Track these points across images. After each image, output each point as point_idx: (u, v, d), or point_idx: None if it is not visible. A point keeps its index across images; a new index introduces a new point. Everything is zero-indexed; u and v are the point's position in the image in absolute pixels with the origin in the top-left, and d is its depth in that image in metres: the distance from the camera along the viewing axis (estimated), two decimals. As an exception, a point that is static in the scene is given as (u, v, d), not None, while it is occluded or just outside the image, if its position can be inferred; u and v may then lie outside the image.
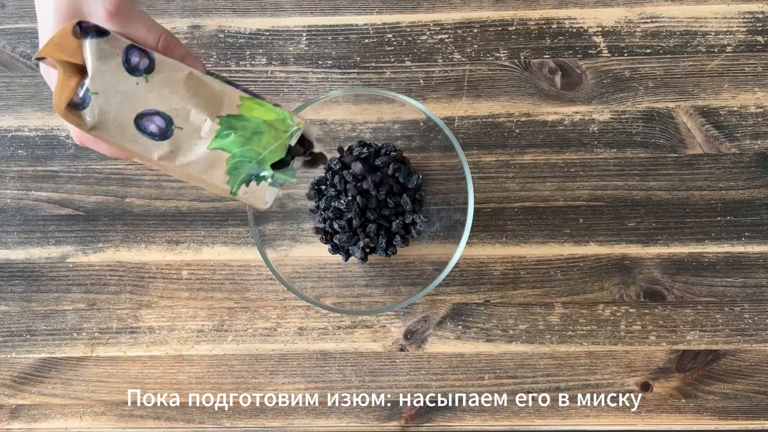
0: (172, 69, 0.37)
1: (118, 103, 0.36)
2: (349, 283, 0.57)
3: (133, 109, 0.37)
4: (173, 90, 0.37)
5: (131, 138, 0.37)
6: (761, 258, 0.56)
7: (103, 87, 0.36)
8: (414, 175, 0.55)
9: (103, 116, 0.36)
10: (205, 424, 0.57)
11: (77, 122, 0.36)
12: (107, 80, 0.36)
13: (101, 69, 0.36)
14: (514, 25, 0.58)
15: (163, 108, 0.37)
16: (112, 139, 0.37)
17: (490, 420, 0.57)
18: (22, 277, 0.58)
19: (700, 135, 0.57)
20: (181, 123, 0.37)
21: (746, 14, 0.58)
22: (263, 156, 0.38)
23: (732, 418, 0.56)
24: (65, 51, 0.35)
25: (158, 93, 0.37)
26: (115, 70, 0.36)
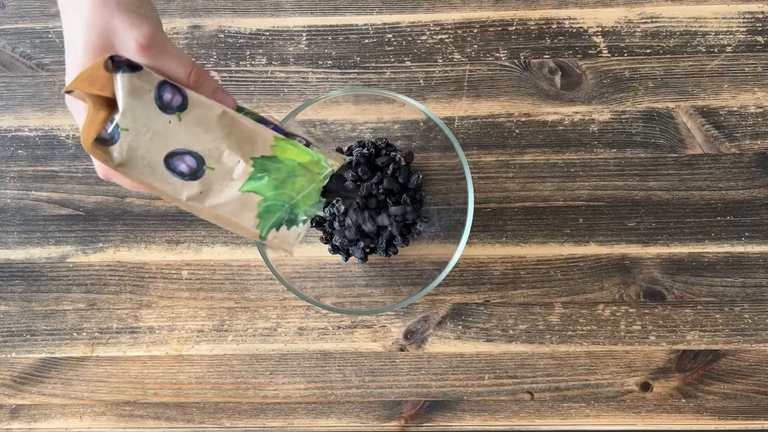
0: (206, 107, 0.36)
1: (148, 140, 0.35)
2: (349, 283, 0.57)
3: (164, 148, 0.36)
4: (207, 129, 0.36)
5: (160, 177, 0.36)
6: (761, 258, 0.56)
7: (133, 123, 0.35)
8: (414, 175, 0.55)
9: (132, 153, 0.35)
10: (205, 424, 0.57)
11: (104, 158, 0.35)
12: (138, 117, 0.35)
13: (132, 105, 0.35)
14: (514, 25, 0.58)
15: (195, 147, 0.36)
16: (140, 177, 0.36)
17: (490, 420, 0.57)
18: (22, 277, 0.59)
19: (700, 135, 0.57)
20: (213, 164, 0.36)
21: (746, 14, 0.58)
22: (296, 200, 0.38)
23: (732, 418, 0.56)
24: (95, 84, 0.34)
25: (191, 132, 0.36)
26: (146, 106, 0.35)
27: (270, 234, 0.38)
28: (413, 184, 0.55)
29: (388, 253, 0.56)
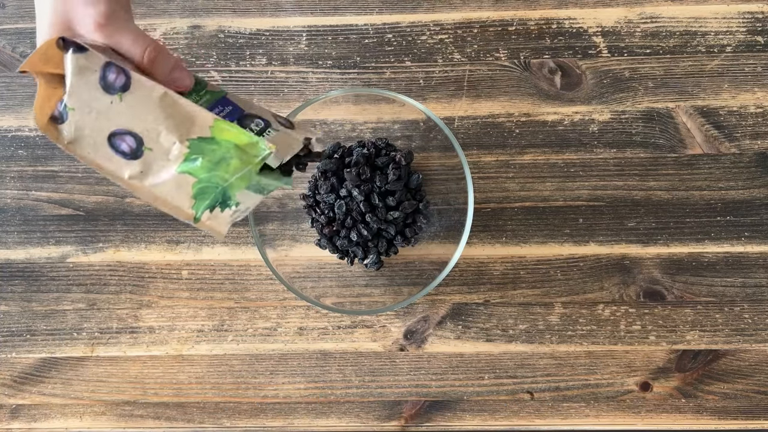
0: (148, 89, 0.36)
1: (92, 120, 0.36)
2: (349, 283, 0.57)
3: (107, 127, 0.37)
4: (147, 110, 0.37)
5: (104, 156, 0.37)
6: (761, 258, 0.56)
7: (79, 103, 0.36)
8: (414, 175, 0.55)
9: (79, 132, 0.36)
10: (205, 424, 0.57)
11: (56, 136, 0.36)
12: (83, 96, 0.36)
13: (78, 85, 0.36)
14: (514, 26, 0.58)
15: (135, 128, 0.37)
16: (87, 156, 0.37)
17: (490, 420, 0.57)
18: (23, 277, 0.59)
19: (700, 135, 0.57)
20: (151, 144, 0.37)
21: (746, 14, 0.58)
22: (230, 182, 0.38)
23: (732, 418, 0.56)
24: (50, 63, 0.35)
25: (132, 112, 0.36)
26: (91, 87, 0.36)
27: (204, 215, 0.38)
28: (413, 184, 0.55)
29: (388, 253, 0.56)
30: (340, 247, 0.55)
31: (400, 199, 0.54)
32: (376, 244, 0.55)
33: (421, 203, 0.55)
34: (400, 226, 0.55)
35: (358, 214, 0.54)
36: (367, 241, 0.55)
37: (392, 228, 0.54)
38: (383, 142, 0.56)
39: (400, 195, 0.55)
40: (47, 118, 0.36)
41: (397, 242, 0.55)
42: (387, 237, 0.55)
